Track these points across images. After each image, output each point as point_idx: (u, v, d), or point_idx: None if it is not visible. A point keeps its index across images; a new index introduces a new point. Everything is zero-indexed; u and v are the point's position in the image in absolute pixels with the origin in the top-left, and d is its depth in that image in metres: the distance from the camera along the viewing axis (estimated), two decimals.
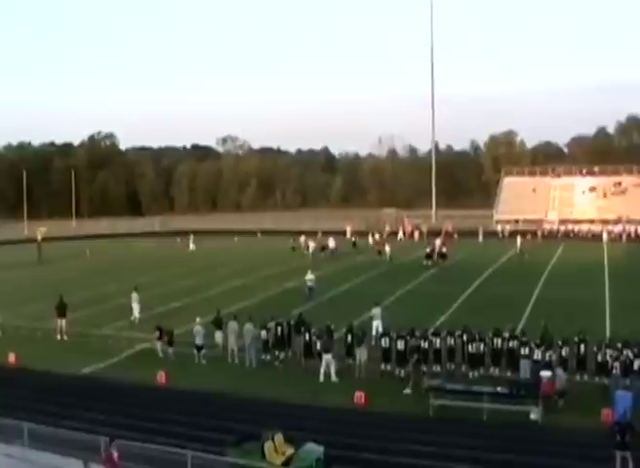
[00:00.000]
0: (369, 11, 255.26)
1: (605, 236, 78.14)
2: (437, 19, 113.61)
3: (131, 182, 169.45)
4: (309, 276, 46.09)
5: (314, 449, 18.89)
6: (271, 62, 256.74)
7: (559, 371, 24.40)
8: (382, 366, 28.35)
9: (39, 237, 75.99)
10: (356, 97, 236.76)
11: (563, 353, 26.88)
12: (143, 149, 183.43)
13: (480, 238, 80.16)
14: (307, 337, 29.35)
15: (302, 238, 72.94)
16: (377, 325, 32.42)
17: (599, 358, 26.14)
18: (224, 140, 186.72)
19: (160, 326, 32.15)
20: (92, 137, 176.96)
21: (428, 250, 60.43)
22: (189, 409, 24.49)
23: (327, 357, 27.80)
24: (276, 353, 30.15)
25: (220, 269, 59.48)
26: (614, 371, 25.12)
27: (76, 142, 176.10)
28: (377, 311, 33.45)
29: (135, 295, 39.64)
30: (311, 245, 67.94)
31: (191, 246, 76.09)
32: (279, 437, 18.62)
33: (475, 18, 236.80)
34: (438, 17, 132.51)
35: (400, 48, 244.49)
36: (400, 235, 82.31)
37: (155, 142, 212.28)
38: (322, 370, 27.73)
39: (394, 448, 20.63)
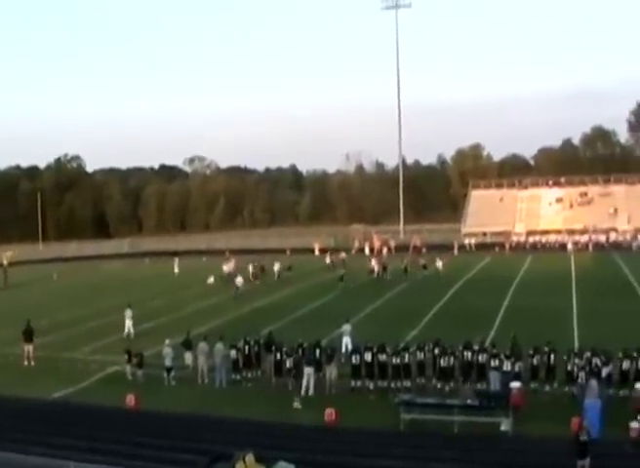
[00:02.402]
0: (332, 26, 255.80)
1: (570, 246, 78.92)
2: (402, 33, 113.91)
3: (98, 204, 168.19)
4: (239, 279, 55.27)
5: None
6: (236, 80, 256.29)
7: (592, 382, 24.22)
8: (353, 382, 28.47)
9: (5, 261, 75.22)
10: (323, 113, 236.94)
11: (534, 362, 27.17)
12: (111, 171, 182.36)
13: (455, 251, 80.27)
14: (278, 356, 29.39)
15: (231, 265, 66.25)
16: (347, 341, 32.54)
17: (568, 367, 26.43)
18: (192, 160, 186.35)
19: (129, 348, 31.98)
20: (58, 160, 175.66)
21: (374, 265, 60.87)
22: (160, 432, 24.35)
23: (308, 370, 28.01)
24: (246, 373, 30.22)
25: (191, 289, 59.23)
26: (579, 380, 25.41)
27: (42, 165, 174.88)
28: (347, 328, 33.63)
29: (128, 312, 40.28)
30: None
31: (176, 269, 72.75)
32: (250, 457, 18.49)
33: (440, 30, 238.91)
34: (403, 30, 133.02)
35: (365, 62, 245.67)
36: (367, 251, 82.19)
37: (122, 164, 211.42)
38: (304, 384, 27.96)
39: (367, 464, 20.67)
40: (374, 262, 62.93)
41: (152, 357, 32.50)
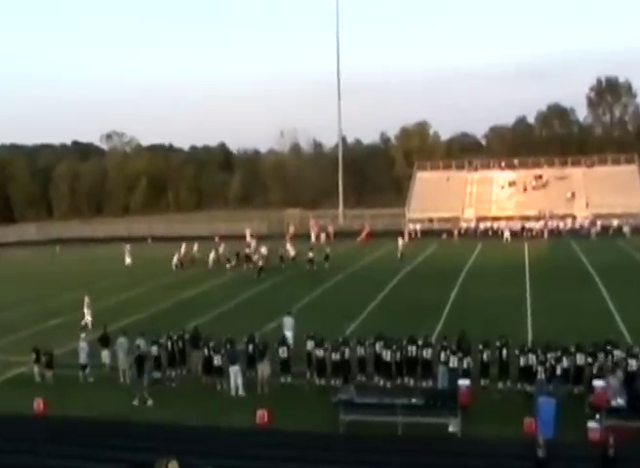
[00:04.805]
0: None
1: (506, 234, 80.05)
2: (343, 2, 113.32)
3: (1, 185, 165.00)
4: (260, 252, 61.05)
5: None
6: (159, 48, 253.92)
7: (613, 380, 24.17)
8: (282, 378, 28.67)
9: None
10: (254, 85, 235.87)
11: (484, 357, 27.42)
12: (15, 148, 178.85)
13: (406, 238, 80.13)
14: (206, 352, 29.22)
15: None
16: (288, 336, 32.28)
17: (522, 362, 26.76)
18: (109, 136, 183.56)
19: (37, 347, 31.30)
20: None
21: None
22: (73, 439, 24.01)
23: (234, 369, 27.93)
24: (169, 371, 30.08)
25: (107, 280, 58.56)
26: (539, 376, 25.73)
27: None
28: (288, 321, 33.52)
29: (87, 300, 40.52)
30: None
31: (127, 260, 69.59)
32: (173, 464, 18.40)
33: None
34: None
35: (303, 32, 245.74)
36: (313, 237, 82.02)
37: (29, 140, 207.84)
38: (232, 385, 27.95)
39: None
40: (288, 246, 64.66)
41: (64, 356, 32.07)
